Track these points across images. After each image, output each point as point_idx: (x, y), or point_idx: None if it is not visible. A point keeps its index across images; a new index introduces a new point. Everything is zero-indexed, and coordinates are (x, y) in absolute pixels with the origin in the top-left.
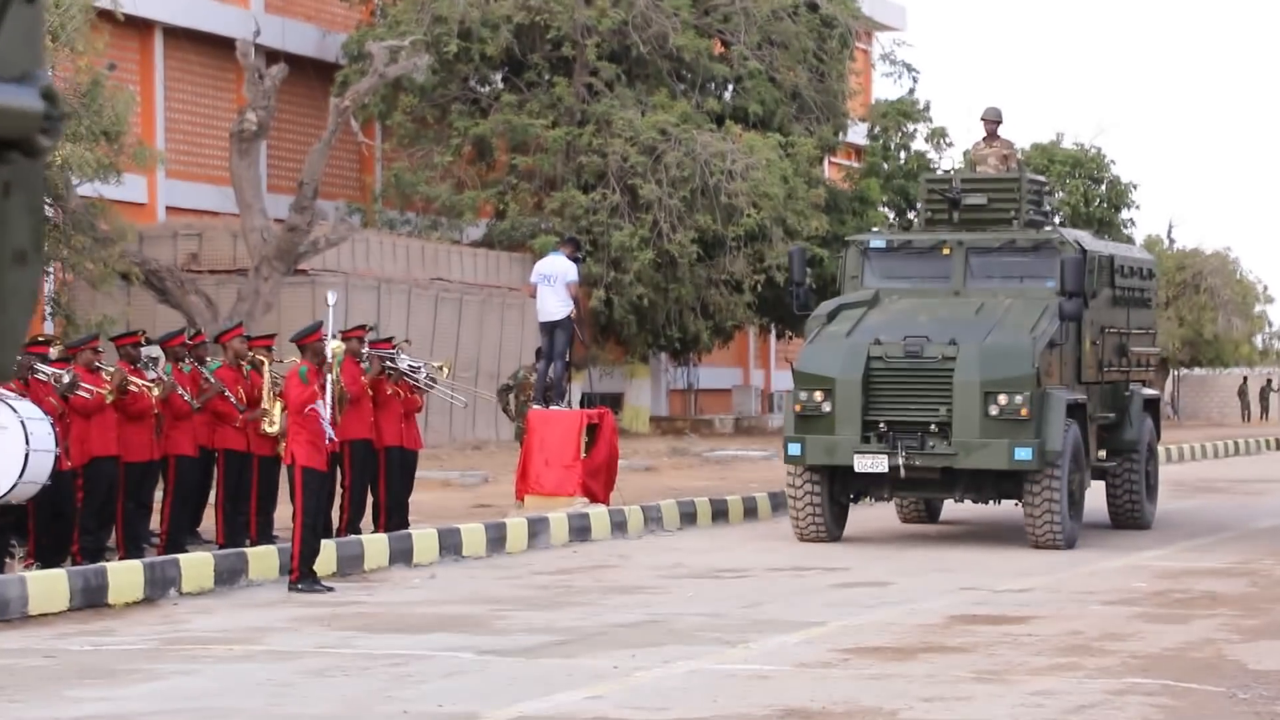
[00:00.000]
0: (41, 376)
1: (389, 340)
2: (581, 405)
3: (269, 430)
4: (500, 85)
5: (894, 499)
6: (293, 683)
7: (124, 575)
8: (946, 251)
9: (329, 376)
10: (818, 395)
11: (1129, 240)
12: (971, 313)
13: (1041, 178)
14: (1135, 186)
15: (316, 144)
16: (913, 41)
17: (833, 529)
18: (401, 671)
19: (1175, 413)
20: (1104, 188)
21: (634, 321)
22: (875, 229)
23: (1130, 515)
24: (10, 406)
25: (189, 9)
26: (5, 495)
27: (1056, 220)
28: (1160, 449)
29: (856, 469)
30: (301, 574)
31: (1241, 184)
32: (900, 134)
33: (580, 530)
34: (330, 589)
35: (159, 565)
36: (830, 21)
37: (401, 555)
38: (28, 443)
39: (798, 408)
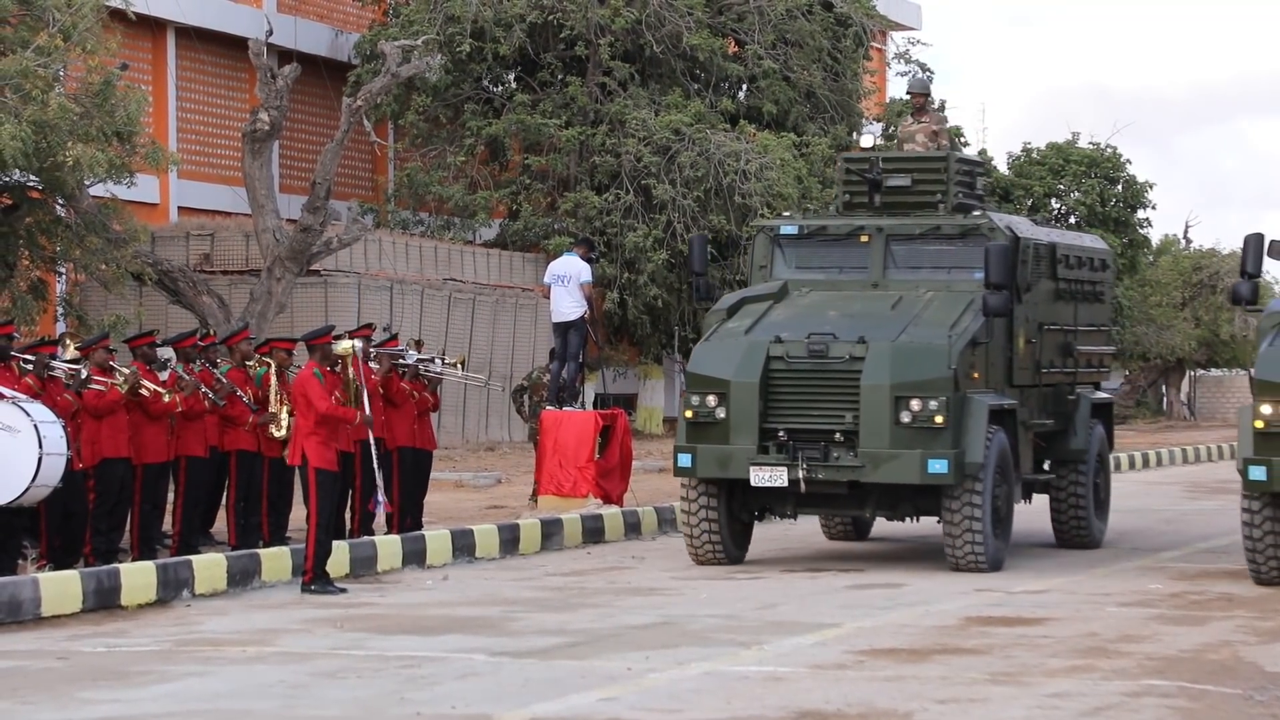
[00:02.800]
0: (57, 373)
1: (394, 338)
2: (595, 406)
3: (276, 435)
4: (513, 85)
5: (798, 516)
6: (305, 684)
7: (137, 576)
8: (865, 239)
9: (348, 375)
10: (711, 400)
11: (1145, 241)
12: (887, 307)
13: (975, 157)
14: (1151, 186)
15: (329, 144)
16: (928, 40)
17: (732, 550)
18: (414, 673)
19: (1192, 414)
20: (1120, 187)
21: (648, 322)
22: (786, 213)
23: (1076, 533)
24: (23, 410)
25: (201, 9)
26: (18, 498)
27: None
28: (1176, 450)
29: (753, 483)
30: (315, 575)
31: (1259, 183)
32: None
33: (594, 532)
34: (343, 590)
35: (172, 566)
36: (845, 20)
37: (414, 557)
38: (41, 446)
39: (689, 414)
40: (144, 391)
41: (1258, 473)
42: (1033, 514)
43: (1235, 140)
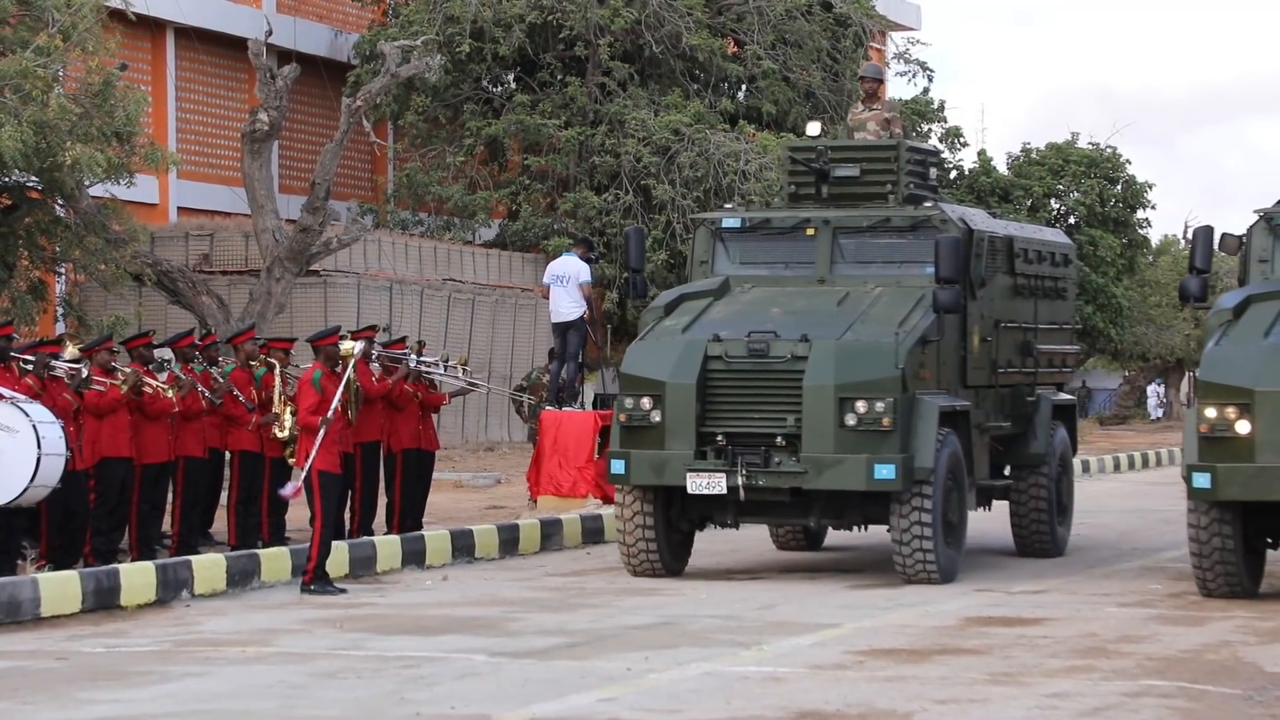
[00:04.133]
0: (58, 372)
1: (401, 340)
2: (594, 406)
3: (279, 435)
4: (513, 85)
5: (739, 525)
6: (305, 685)
7: (136, 577)
8: (811, 232)
9: (347, 377)
10: (645, 402)
11: (1145, 241)
12: (833, 304)
13: (929, 145)
14: (1151, 186)
15: (329, 144)
16: (928, 40)
17: (670, 562)
18: (414, 673)
19: None
20: (1119, 188)
21: None
22: (729, 205)
23: (1036, 541)
24: (22, 410)
25: (201, 9)
26: (16, 498)
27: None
28: (1176, 450)
29: (689, 490)
30: (315, 576)
31: (1260, 183)
32: (915, 134)
33: (593, 532)
34: (343, 591)
35: (171, 567)
36: (844, 21)
37: (414, 557)
38: (39, 447)
39: (622, 417)
40: (146, 390)
41: (1202, 480)
42: (995, 520)
43: (1237, 140)
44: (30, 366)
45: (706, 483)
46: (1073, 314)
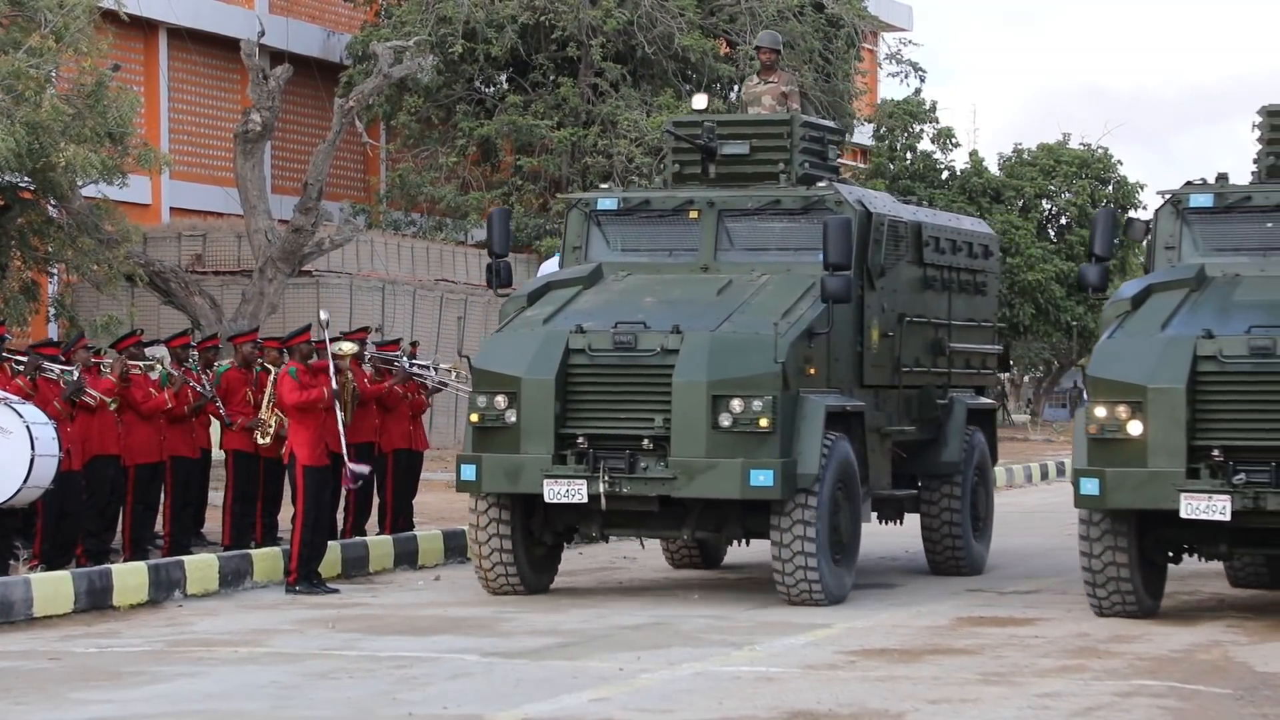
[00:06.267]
0: (50, 375)
1: (395, 342)
2: None
3: (262, 442)
4: (505, 86)
5: (608, 538)
6: (297, 685)
7: (129, 577)
8: (694, 215)
9: (343, 377)
10: (500, 401)
11: (1136, 242)
12: (712, 293)
13: (829, 123)
14: (1142, 187)
15: (321, 145)
16: (919, 41)
17: (530, 578)
18: (406, 674)
19: None
20: (1111, 188)
21: None
22: (606, 184)
23: (950, 558)
24: (15, 411)
25: (193, 10)
26: (10, 500)
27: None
28: None
29: (546, 498)
30: (301, 575)
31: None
32: (907, 134)
33: None
34: (334, 591)
35: (164, 567)
36: (836, 21)
37: (406, 557)
38: (33, 448)
39: (474, 418)
40: (135, 371)
41: (1090, 486)
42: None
43: (1229, 141)
44: (21, 368)
45: (565, 490)
46: (995, 310)
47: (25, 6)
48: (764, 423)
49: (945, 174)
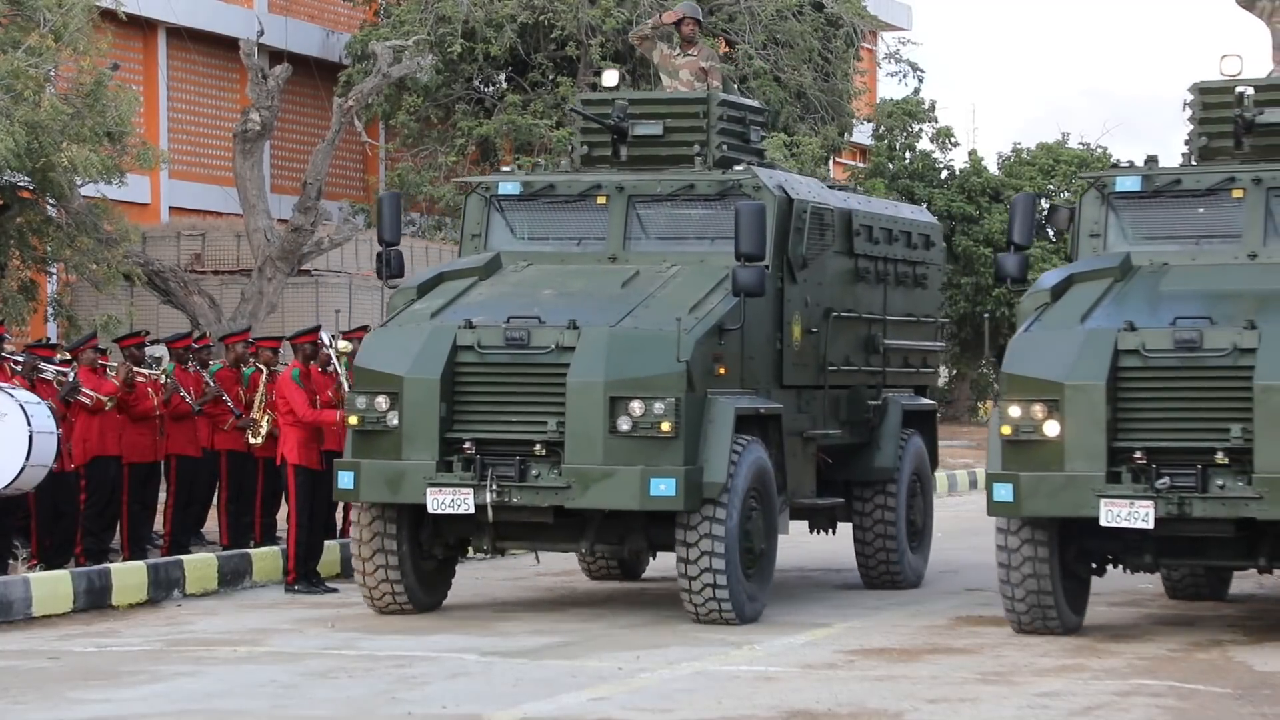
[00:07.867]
0: (46, 376)
1: None
2: None
3: (254, 442)
4: (504, 85)
5: (503, 552)
6: (296, 684)
7: (127, 576)
8: (601, 200)
9: (341, 376)
10: (380, 402)
11: None
12: (616, 285)
13: (752, 101)
14: None
15: (320, 144)
16: (919, 40)
17: (419, 596)
18: (405, 673)
19: None
20: None
21: None
22: (507, 168)
23: (884, 572)
24: (7, 393)
25: (192, 9)
26: (14, 480)
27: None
28: None
29: (429, 509)
30: (299, 574)
31: None
32: (906, 134)
33: None
34: (333, 590)
35: (163, 566)
36: (836, 21)
37: None
38: (30, 424)
39: (354, 420)
40: (140, 379)
41: (1003, 492)
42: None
43: None
44: (19, 368)
45: (450, 500)
46: (938, 305)
47: (24, 6)
48: (666, 427)
49: (944, 173)
